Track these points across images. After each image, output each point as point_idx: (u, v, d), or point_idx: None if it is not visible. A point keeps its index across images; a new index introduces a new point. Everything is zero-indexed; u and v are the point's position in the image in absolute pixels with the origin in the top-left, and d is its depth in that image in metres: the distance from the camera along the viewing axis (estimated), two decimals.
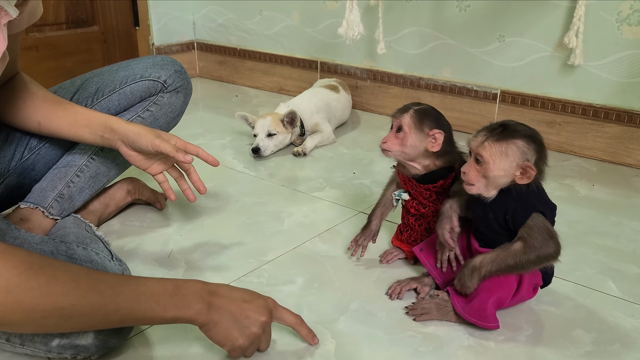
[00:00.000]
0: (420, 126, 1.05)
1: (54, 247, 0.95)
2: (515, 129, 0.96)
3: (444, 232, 1.07)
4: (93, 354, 0.92)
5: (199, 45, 2.81)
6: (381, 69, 2.24)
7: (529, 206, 0.97)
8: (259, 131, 1.85)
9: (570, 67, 1.81)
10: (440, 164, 1.09)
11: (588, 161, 1.83)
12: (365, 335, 1.02)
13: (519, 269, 0.98)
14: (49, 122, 1.15)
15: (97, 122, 1.14)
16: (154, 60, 1.32)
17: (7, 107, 1.15)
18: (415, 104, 1.08)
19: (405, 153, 1.07)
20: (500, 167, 0.95)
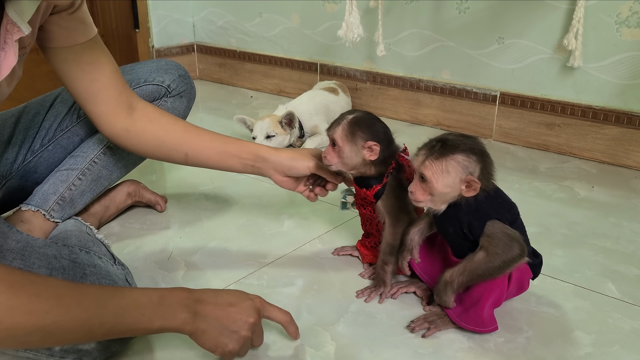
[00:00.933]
0: (353, 138, 1.03)
1: (56, 251, 0.95)
2: (453, 144, 0.95)
3: (402, 262, 1.12)
4: (96, 358, 0.92)
5: (199, 47, 2.81)
6: (381, 71, 2.24)
7: (481, 216, 0.97)
8: (257, 133, 1.85)
9: (570, 68, 1.82)
10: (376, 171, 1.07)
11: (588, 163, 1.83)
12: (365, 337, 1.02)
13: (489, 276, 0.98)
14: (197, 154, 1.16)
15: (246, 152, 1.15)
16: (157, 64, 1.32)
17: (149, 140, 1.14)
18: (350, 113, 1.06)
19: (344, 164, 1.07)
20: (443, 184, 0.95)
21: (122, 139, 1.15)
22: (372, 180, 1.08)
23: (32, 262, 0.90)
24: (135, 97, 1.15)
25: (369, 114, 1.06)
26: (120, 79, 1.12)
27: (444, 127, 2.13)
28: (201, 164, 1.18)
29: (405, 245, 1.11)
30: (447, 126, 2.12)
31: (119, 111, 1.12)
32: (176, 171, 1.76)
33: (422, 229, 1.11)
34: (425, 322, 1.04)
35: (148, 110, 1.15)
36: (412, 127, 2.16)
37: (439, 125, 2.14)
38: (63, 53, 1.05)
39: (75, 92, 1.10)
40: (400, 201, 1.08)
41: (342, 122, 1.04)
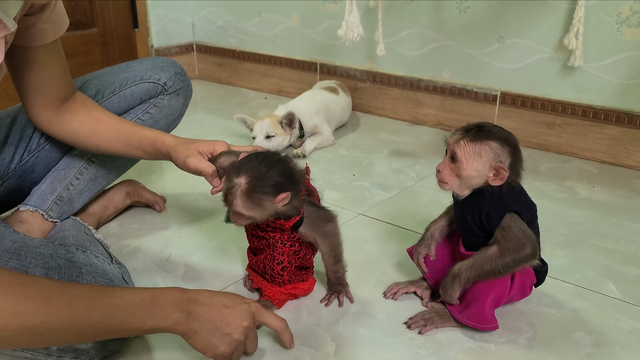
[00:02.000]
0: (259, 205, 0.92)
1: (53, 250, 0.94)
2: (490, 130, 0.96)
3: (418, 257, 1.11)
4: (93, 358, 0.91)
5: (198, 47, 2.81)
6: (381, 70, 2.23)
7: (502, 207, 0.97)
8: (257, 133, 1.84)
9: (570, 68, 1.81)
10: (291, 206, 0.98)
11: (588, 163, 1.83)
12: (365, 338, 1.01)
13: (497, 273, 0.98)
14: (106, 146, 1.17)
15: (147, 144, 1.14)
16: (154, 62, 1.32)
17: (67, 130, 1.16)
18: (237, 174, 0.92)
19: (257, 220, 0.98)
20: (473, 167, 0.95)
21: (45, 128, 1.17)
22: (290, 212, 0.99)
23: (28, 262, 0.90)
24: (71, 91, 1.17)
25: (260, 161, 0.92)
26: (65, 79, 1.14)
27: (444, 127, 2.12)
28: (113, 154, 1.19)
29: (424, 240, 1.11)
30: (448, 126, 2.11)
31: (50, 103, 1.14)
32: (175, 171, 1.74)
33: (442, 227, 1.11)
34: (422, 320, 1.04)
35: (75, 102, 1.16)
36: (413, 126, 2.16)
37: (439, 125, 2.13)
38: (21, 50, 1.05)
39: (16, 79, 1.11)
40: (322, 217, 1.04)
41: (235, 193, 0.91)
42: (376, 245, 1.33)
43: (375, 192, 1.60)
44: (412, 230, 1.39)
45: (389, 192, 1.61)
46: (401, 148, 1.94)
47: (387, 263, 1.25)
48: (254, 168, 0.92)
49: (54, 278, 0.89)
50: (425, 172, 1.74)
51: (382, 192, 1.60)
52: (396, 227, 1.41)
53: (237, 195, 0.91)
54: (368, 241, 1.34)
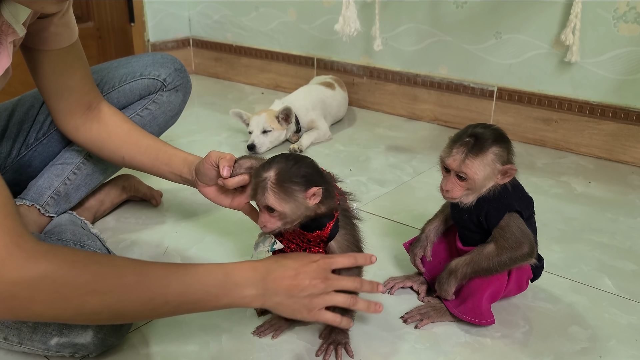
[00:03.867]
0: (291, 196, 0.87)
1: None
2: (486, 136, 0.95)
3: (415, 259, 1.12)
4: (92, 352, 0.91)
5: (195, 41, 2.80)
6: (378, 65, 2.23)
7: (502, 207, 0.98)
8: (254, 128, 1.84)
9: (567, 64, 1.81)
10: (326, 208, 0.91)
11: (584, 158, 1.83)
12: (362, 332, 1.01)
13: (493, 270, 0.98)
14: (133, 159, 1.15)
15: (176, 162, 1.11)
16: (153, 58, 1.31)
17: (94, 140, 1.15)
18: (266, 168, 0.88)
19: (289, 223, 0.90)
20: (483, 178, 0.96)
21: (72, 136, 1.16)
22: (324, 219, 0.92)
23: None
24: (97, 99, 1.16)
25: (286, 157, 0.90)
26: (88, 83, 1.14)
27: (441, 123, 2.12)
28: (138, 168, 1.16)
29: (420, 241, 1.12)
30: (445, 121, 2.11)
31: (76, 110, 1.13)
32: None
33: (437, 227, 1.12)
34: (418, 314, 1.04)
35: (102, 111, 1.15)
36: (409, 122, 2.16)
37: (436, 121, 2.13)
38: (40, 54, 1.05)
39: (39, 86, 1.11)
40: (354, 236, 0.98)
41: (266, 184, 0.87)
42: (372, 240, 1.33)
43: (372, 187, 1.60)
44: (409, 225, 1.39)
45: (385, 187, 1.61)
46: (398, 143, 1.94)
47: (384, 258, 1.26)
48: (282, 162, 0.89)
49: None
50: (421, 167, 1.74)
51: (378, 187, 1.60)
52: (392, 222, 1.41)
53: (267, 187, 0.87)
54: (364, 236, 1.34)
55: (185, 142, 1.92)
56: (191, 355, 0.96)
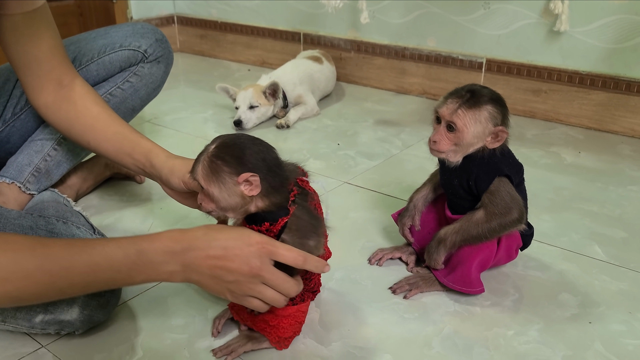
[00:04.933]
0: (219, 177, 0.78)
1: (32, 222, 0.91)
2: (483, 93, 0.94)
3: (403, 228, 1.10)
4: (78, 329, 0.90)
5: (179, 19, 2.74)
6: (365, 39, 2.20)
7: (492, 170, 0.96)
8: (240, 103, 1.81)
9: (556, 33, 1.79)
10: (270, 203, 0.81)
11: (574, 129, 1.82)
12: (350, 304, 1.00)
13: (483, 238, 0.97)
14: (98, 145, 1.08)
15: (139, 152, 1.03)
16: (134, 28, 1.27)
17: (62, 120, 1.09)
18: (213, 142, 0.81)
19: (222, 208, 0.80)
20: (473, 134, 0.94)
21: (43, 114, 1.10)
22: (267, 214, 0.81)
23: None
24: (68, 75, 1.08)
25: (238, 138, 0.81)
26: (59, 55, 1.06)
27: (429, 96, 2.10)
28: (103, 155, 1.10)
29: (408, 211, 1.10)
30: (434, 95, 2.08)
31: (46, 86, 1.07)
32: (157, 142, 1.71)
33: (425, 196, 1.10)
34: (407, 284, 1.03)
35: (74, 90, 1.08)
36: (398, 96, 2.13)
37: (425, 94, 2.11)
38: (1, 19, 0.99)
39: (7, 57, 1.05)
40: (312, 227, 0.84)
41: (201, 159, 0.79)
42: (361, 212, 1.31)
43: (360, 161, 1.58)
44: (397, 197, 1.37)
45: (374, 160, 1.59)
46: (386, 117, 1.92)
47: (372, 230, 1.24)
48: (231, 139, 0.80)
49: None
50: (410, 140, 1.72)
51: (367, 161, 1.58)
52: (381, 194, 1.40)
53: (200, 160, 0.79)
54: (353, 209, 1.32)
55: (170, 120, 1.89)
56: (177, 330, 0.94)
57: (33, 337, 0.92)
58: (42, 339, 0.91)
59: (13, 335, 0.92)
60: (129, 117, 1.33)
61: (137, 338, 0.92)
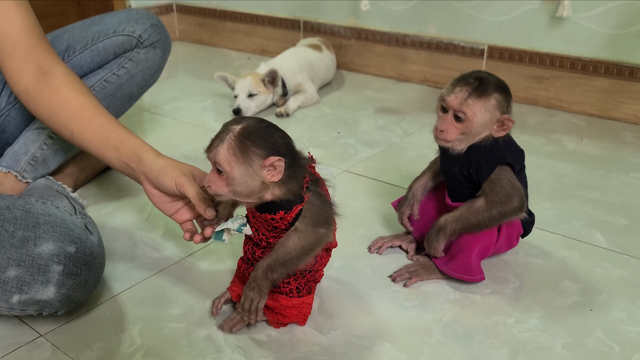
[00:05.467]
0: (246, 158, 0.76)
1: (10, 202, 0.89)
2: (490, 81, 0.93)
3: (402, 217, 1.09)
4: (58, 310, 0.89)
5: (178, 7, 2.72)
6: (365, 26, 2.18)
7: (493, 159, 0.95)
8: (239, 92, 1.80)
9: (559, 19, 1.77)
10: (286, 191, 0.80)
11: (577, 116, 1.80)
12: (350, 292, 0.99)
13: (483, 226, 0.96)
14: (81, 136, 1.02)
15: (127, 147, 0.98)
16: (128, 13, 1.26)
17: (44, 107, 1.03)
18: (236, 122, 0.79)
19: (237, 193, 0.79)
20: (481, 123, 0.92)
21: (23, 100, 1.05)
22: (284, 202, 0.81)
23: None
24: (51, 61, 1.04)
25: (261, 121, 0.80)
26: (34, 37, 1.02)
27: (431, 84, 2.08)
28: (84, 147, 1.03)
29: (407, 199, 1.09)
30: (435, 82, 2.07)
31: (25, 71, 1.02)
32: (156, 131, 1.71)
33: (424, 184, 1.09)
34: (407, 273, 1.02)
35: (56, 77, 1.03)
36: (399, 84, 2.11)
37: (426, 82, 2.09)
38: None
39: None
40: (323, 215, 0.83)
41: (226, 137, 0.77)
42: (361, 201, 1.30)
43: (360, 149, 1.57)
44: (398, 185, 1.36)
45: (374, 148, 1.58)
46: (387, 105, 1.90)
47: (372, 218, 1.23)
48: (255, 121, 0.79)
49: (9, 229, 0.85)
50: (411, 128, 1.71)
51: (367, 149, 1.57)
52: (381, 182, 1.39)
53: (225, 139, 0.76)
54: (353, 197, 1.31)
55: (169, 109, 1.88)
56: (176, 319, 0.94)
57: (31, 325, 0.91)
58: (40, 328, 0.91)
59: (11, 323, 0.92)
60: (127, 104, 1.32)
61: (135, 327, 0.92)
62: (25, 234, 0.86)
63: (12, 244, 0.85)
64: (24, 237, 0.85)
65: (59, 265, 0.86)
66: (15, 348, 0.88)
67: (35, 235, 0.86)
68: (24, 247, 0.85)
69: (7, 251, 0.84)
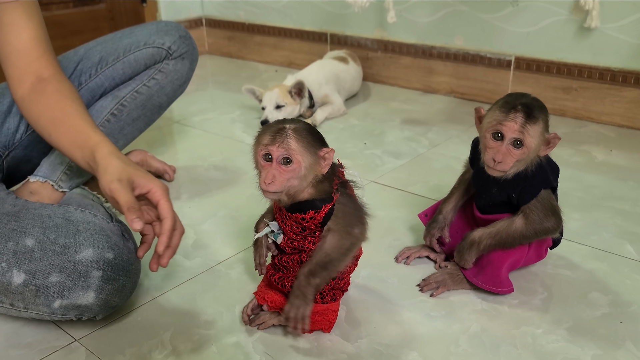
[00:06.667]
0: (310, 148, 0.83)
1: (51, 211, 0.94)
2: (535, 105, 0.92)
3: (432, 239, 1.09)
4: (97, 314, 0.92)
5: (207, 21, 2.78)
6: (392, 39, 2.19)
7: (538, 183, 0.95)
8: (267, 103, 1.82)
9: (587, 30, 1.76)
10: (320, 189, 0.86)
11: (606, 127, 1.78)
12: (377, 301, 1.00)
13: (517, 244, 0.97)
14: (57, 137, 1.02)
15: (88, 146, 0.96)
16: (157, 26, 1.29)
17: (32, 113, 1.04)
18: (282, 122, 0.85)
19: (293, 186, 0.84)
20: (536, 147, 0.92)
21: (20, 107, 1.06)
22: (316, 202, 0.85)
23: (27, 223, 0.90)
24: (49, 69, 1.06)
25: (302, 121, 0.86)
26: (40, 49, 1.05)
27: (457, 95, 2.08)
28: (60, 149, 1.02)
29: (437, 222, 1.09)
30: (461, 94, 2.07)
31: (24, 79, 1.04)
32: (185, 142, 1.74)
33: (455, 206, 1.10)
34: (434, 282, 1.03)
35: (50, 83, 1.05)
36: (425, 95, 2.12)
37: (453, 93, 2.09)
38: None
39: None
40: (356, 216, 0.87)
41: (288, 132, 0.82)
42: (388, 211, 1.31)
43: (387, 160, 1.58)
44: (424, 196, 1.37)
45: (400, 159, 1.58)
46: (413, 116, 1.91)
47: (399, 228, 1.24)
48: (298, 121, 0.86)
49: (51, 237, 0.89)
50: (437, 139, 1.71)
51: (393, 160, 1.58)
52: (408, 193, 1.39)
53: (289, 133, 0.82)
54: (380, 207, 1.32)
55: (198, 120, 1.92)
56: (205, 326, 0.95)
57: (66, 330, 0.94)
58: (75, 333, 0.94)
59: (47, 328, 0.95)
60: (157, 114, 1.35)
61: (166, 333, 0.94)
62: (66, 241, 0.89)
63: (54, 250, 0.88)
64: (65, 244, 0.89)
65: (98, 271, 0.89)
66: (51, 352, 0.90)
67: (75, 242, 0.90)
68: (65, 253, 0.88)
69: (50, 258, 0.88)
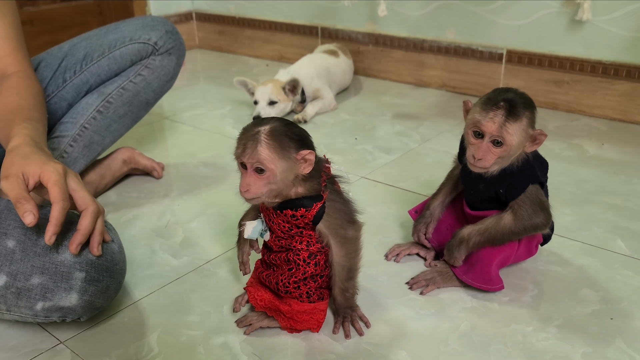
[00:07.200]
0: (284, 152, 0.79)
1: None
2: (518, 101, 0.90)
3: (418, 234, 1.09)
4: (81, 316, 0.90)
5: (198, 15, 2.75)
6: (383, 32, 2.18)
7: (525, 179, 0.94)
8: (259, 99, 1.81)
9: (578, 22, 1.75)
10: (308, 187, 0.84)
11: (598, 120, 1.78)
12: (366, 300, 0.99)
13: (507, 240, 0.96)
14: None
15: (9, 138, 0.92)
16: (143, 21, 1.27)
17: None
18: (259, 124, 0.80)
19: (272, 191, 0.81)
20: (518, 144, 0.91)
21: None
22: (305, 200, 0.83)
23: (8, 224, 0.89)
24: (15, 67, 1.04)
25: (282, 120, 0.82)
26: (9, 47, 1.03)
27: (449, 89, 2.07)
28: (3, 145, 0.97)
29: (423, 218, 1.09)
30: (453, 87, 2.06)
31: None
32: (175, 139, 1.73)
33: (442, 202, 1.09)
34: (424, 280, 1.02)
35: (10, 79, 1.03)
36: (417, 89, 2.11)
37: (444, 87, 2.08)
38: None
39: None
40: (347, 214, 0.87)
41: (260, 137, 0.78)
42: (378, 207, 1.30)
43: (378, 155, 1.57)
44: (415, 192, 1.36)
45: (391, 154, 1.57)
46: (405, 111, 1.90)
47: (389, 225, 1.23)
48: (275, 120, 0.81)
49: (32, 237, 0.87)
50: (429, 134, 1.70)
51: (384, 155, 1.57)
52: (399, 189, 1.38)
53: (260, 139, 0.78)
54: (370, 204, 1.31)
55: (188, 116, 1.90)
56: (193, 326, 0.94)
57: (51, 332, 0.93)
58: (60, 335, 0.93)
59: (32, 330, 0.94)
60: (144, 111, 1.34)
61: (153, 334, 0.93)
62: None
63: (35, 252, 0.86)
64: (46, 245, 0.87)
65: (81, 272, 0.88)
66: (36, 355, 0.89)
67: (57, 243, 0.88)
68: (47, 255, 0.87)
69: (31, 259, 0.86)
